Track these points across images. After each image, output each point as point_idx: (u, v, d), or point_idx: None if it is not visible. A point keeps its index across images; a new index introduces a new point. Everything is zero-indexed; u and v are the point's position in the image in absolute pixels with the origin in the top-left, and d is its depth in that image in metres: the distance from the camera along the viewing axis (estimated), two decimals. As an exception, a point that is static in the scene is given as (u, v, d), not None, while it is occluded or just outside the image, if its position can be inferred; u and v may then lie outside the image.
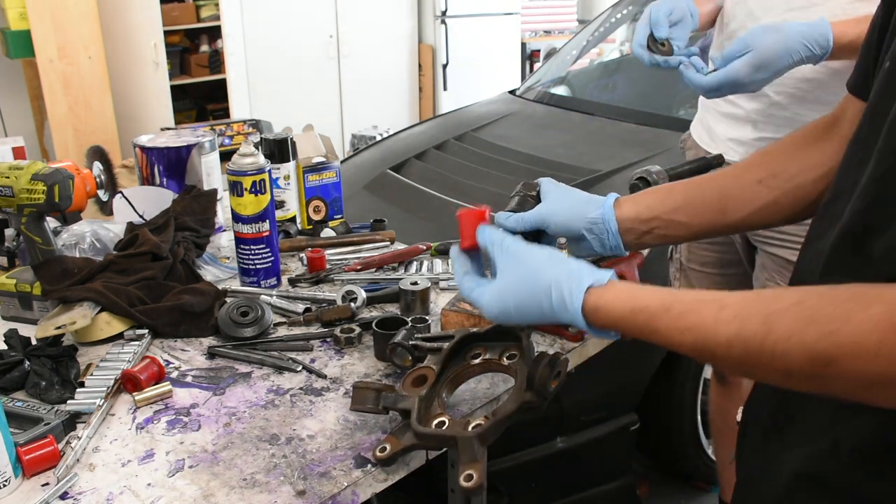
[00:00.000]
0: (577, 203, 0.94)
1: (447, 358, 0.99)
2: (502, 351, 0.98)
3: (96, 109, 4.65)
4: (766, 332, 0.61)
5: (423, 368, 0.99)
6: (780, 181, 0.90)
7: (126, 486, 0.88)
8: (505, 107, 3.19)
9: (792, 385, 0.64)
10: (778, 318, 0.60)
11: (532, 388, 0.87)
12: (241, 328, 1.22)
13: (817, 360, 0.58)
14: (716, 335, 0.64)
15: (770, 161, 0.92)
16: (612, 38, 3.66)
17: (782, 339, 0.60)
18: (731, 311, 0.64)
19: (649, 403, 2.07)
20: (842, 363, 0.56)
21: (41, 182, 1.29)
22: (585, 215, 0.93)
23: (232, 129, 4.66)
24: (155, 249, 1.35)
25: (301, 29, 5.27)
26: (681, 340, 0.68)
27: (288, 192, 1.68)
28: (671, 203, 0.93)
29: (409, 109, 6.06)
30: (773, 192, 0.90)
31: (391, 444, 0.90)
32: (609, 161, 2.41)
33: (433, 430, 0.89)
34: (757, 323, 0.62)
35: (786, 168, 0.89)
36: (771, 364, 0.61)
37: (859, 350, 0.55)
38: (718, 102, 1.50)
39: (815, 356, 0.58)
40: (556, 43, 6.35)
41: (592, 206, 0.94)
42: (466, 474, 0.82)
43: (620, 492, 2.07)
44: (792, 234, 1.38)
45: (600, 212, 0.92)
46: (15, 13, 4.38)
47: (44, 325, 1.17)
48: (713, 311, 0.65)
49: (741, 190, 0.91)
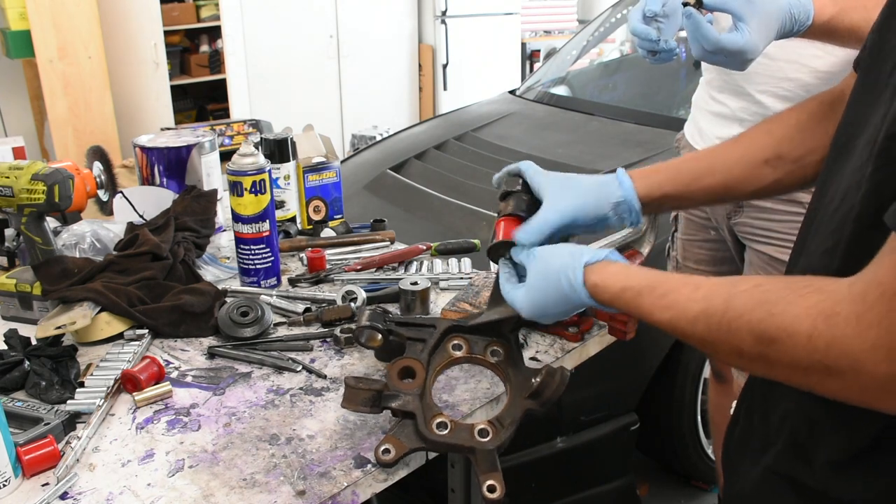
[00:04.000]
0: (590, 193, 0.96)
1: (432, 351, 0.98)
2: (486, 346, 0.98)
3: (96, 109, 4.65)
4: (725, 309, 0.66)
5: (408, 360, 0.97)
6: (786, 163, 0.93)
7: (126, 486, 0.88)
8: (505, 107, 3.19)
9: (744, 365, 0.68)
10: (736, 298, 0.65)
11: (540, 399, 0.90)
12: (241, 328, 1.22)
13: (760, 339, 0.62)
14: (686, 312, 0.70)
15: (776, 142, 0.94)
16: (612, 38, 3.66)
17: (735, 317, 0.64)
18: (702, 292, 0.70)
19: (649, 403, 2.07)
20: (780, 345, 0.60)
21: (41, 182, 1.29)
22: (609, 199, 0.96)
23: (232, 129, 4.66)
24: (155, 249, 1.35)
25: (301, 29, 5.27)
26: (660, 317, 0.74)
27: (288, 192, 1.68)
28: (681, 181, 0.97)
29: (409, 109, 6.06)
30: (777, 173, 0.94)
31: (394, 445, 0.89)
32: (609, 161, 2.41)
33: (446, 437, 0.90)
34: (720, 301, 0.67)
35: (792, 150, 0.93)
36: (727, 340, 0.66)
37: (794, 334, 0.59)
38: (708, 101, 1.51)
39: (759, 335, 0.62)
40: (556, 43, 6.35)
41: (609, 189, 0.96)
42: (489, 485, 0.85)
43: (620, 492, 2.07)
44: (777, 232, 1.38)
45: (621, 193, 0.96)
46: (15, 13, 4.37)
47: (44, 325, 1.17)
48: (689, 290, 0.71)
49: (748, 170, 0.95)
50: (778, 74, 1.32)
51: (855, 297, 0.57)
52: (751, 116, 1.40)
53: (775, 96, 1.35)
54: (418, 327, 1.01)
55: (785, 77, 1.32)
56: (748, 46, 1.09)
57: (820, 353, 0.58)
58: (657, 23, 1.16)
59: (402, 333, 1.01)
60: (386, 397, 0.93)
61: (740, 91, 1.40)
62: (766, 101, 1.37)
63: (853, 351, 0.56)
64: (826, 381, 0.59)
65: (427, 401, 0.94)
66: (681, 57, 2.75)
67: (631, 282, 0.78)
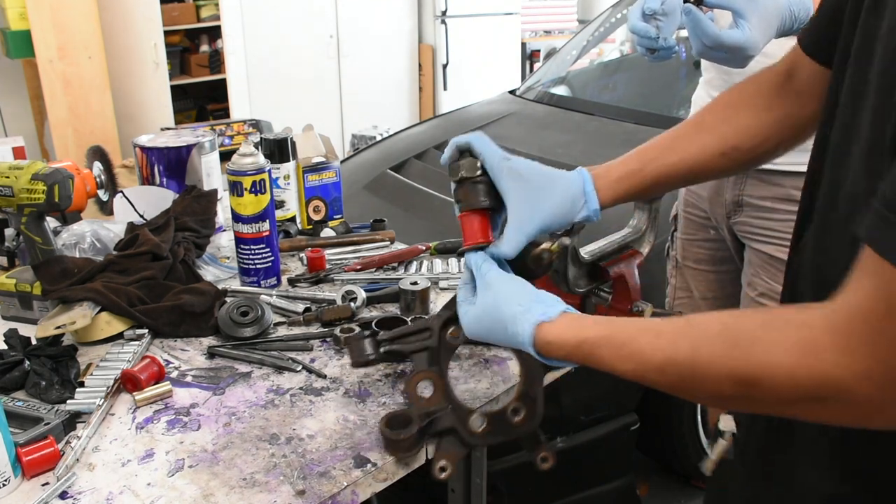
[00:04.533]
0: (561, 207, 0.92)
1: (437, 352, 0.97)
2: None
3: (96, 109, 4.65)
4: (694, 356, 0.64)
5: (421, 374, 0.96)
6: (742, 153, 0.94)
7: (126, 485, 0.88)
8: (505, 107, 3.19)
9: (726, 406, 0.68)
10: (703, 343, 0.64)
11: None
12: (241, 328, 1.22)
13: (741, 383, 0.61)
14: (651, 361, 0.67)
15: (730, 132, 0.94)
16: (612, 38, 3.66)
17: (706, 364, 0.63)
18: (665, 339, 0.67)
19: (649, 403, 2.07)
20: (763, 385, 0.59)
21: (41, 182, 1.29)
22: (573, 218, 0.93)
23: (232, 129, 4.66)
24: (155, 249, 1.35)
25: (301, 29, 5.27)
26: (623, 368, 0.71)
27: (288, 192, 1.68)
28: (645, 185, 0.97)
29: (409, 109, 6.06)
30: (734, 163, 0.96)
31: (448, 460, 0.91)
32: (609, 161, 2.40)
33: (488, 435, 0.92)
34: (686, 349, 0.65)
35: (747, 139, 0.93)
36: (702, 387, 0.64)
37: (777, 372, 0.58)
38: (707, 101, 1.50)
39: (739, 379, 0.61)
40: (556, 43, 6.35)
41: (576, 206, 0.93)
42: (542, 457, 0.92)
43: (620, 492, 2.07)
44: (777, 231, 1.38)
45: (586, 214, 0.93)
46: (15, 13, 4.37)
47: (44, 325, 1.17)
48: (650, 338, 0.68)
49: (706, 163, 0.96)
50: None
51: (834, 326, 0.56)
52: None
53: None
54: (415, 335, 1.00)
55: None
56: (748, 43, 1.09)
57: (804, 387, 0.57)
58: (656, 21, 1.16)
59: (401, 350, 1.00)
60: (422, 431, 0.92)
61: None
62: None
63: (838, 379, 0.55)
64: (813, 409, 0.59)
65: (456, 404, 0.94)
66: (681, 56, 2.75)
67: (586, 333, 0.74)
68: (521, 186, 0.90)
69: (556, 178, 0.93)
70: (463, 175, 0.91)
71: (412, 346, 0.99)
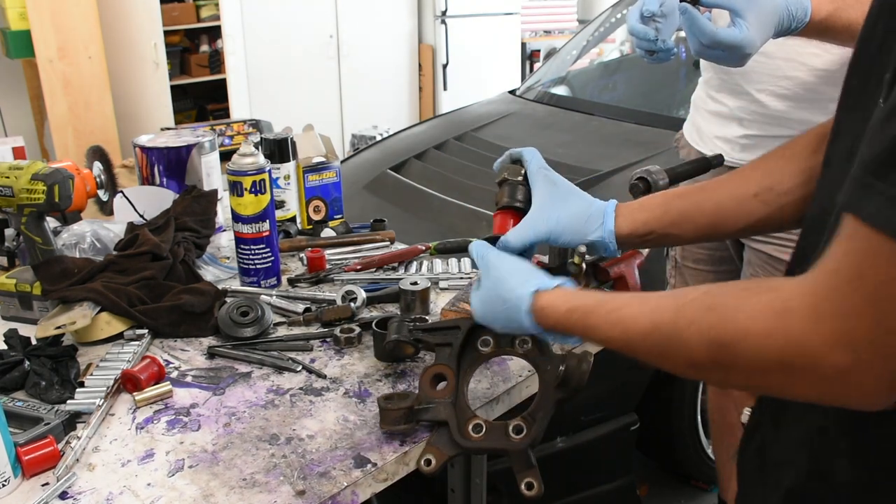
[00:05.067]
0: (576, 220, 0.95)
1: (460, 353, 0.98)
2: (513, 337, 0.98)
3: (96, 109, 4.65)
4: (675, 319, 0.64)
5: (438, 367, 0.98)
6: (776, 195, 0.90)
7: (126, 485, 0.88)
8: (505, 107, 3.19)
9: (700, 375, 0.67)
10: (685, 307, 0.65)
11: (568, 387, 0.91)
12: (241, 328, 1.22)
13: (713, 345, 0.60)
14: (636, 326, 0.69)
15: (766, 174, 0.92)
16: (612, 38, 3.66)
17: (685, 326, 0.63)
18: (650, 305, 0.69)
19: (649, 403, 2.07)
20: (735, 348, 0.59)
21: (41, 182, 1.29)
22: (585, 236, 0.95)
23: (232, 129, 4.66)
24: (155, 249, 1.35)
25: (301, 29, 5.27)
26: (610, 334, 0.73)
27: (288, 192, 1.68)
28: (668, 219, 0.95)
29: (409, 109, 6.06)
30: (767, 207, 0.90)
31: (434, 454, 0.90)
32: (609, 161, 2.41)
33: (479, 441, 0.90)
34: (669, 313, 0.66)
35: (782, 181, 0.90)
36: (679, 352, 0.65)
37: (748, 335, 0.58)
38: (706, 101, 1.51)
39: (711, 340, 0.61)
40: (556, 43, 6.35)
41: (592, 224, 0.95)
42: (527, 482, 0.87)
43: (620, 492, 2.07)
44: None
45: (600, 234, 0.95)
46: (15, 13, 4.37)
47: (44, 325, 1.17)
48: (637, 304, 0.71)
49: (737, 204, 0.92)
50: (776, 73, 1.32)
51: (808, 290, 0.55)
52: (749, 115, 1.40)
53: (774, 95, 1.35)
54: (444, 331, 1.02)
55: (783, 75, 1.32)
56: (746, 41, 1.09)
57: (777, 352, 0.56)
58: (655, 22, 1.16)
59: (429, 340, 1.02)
60: (417, 411, 0.94)
61: (739, 90, 1.40)
62: (765, 99, 1.36)
63: (811, 345, 0.54)
64: (786, 380, 0.58)
65: (461, 404, 0.94)
66: (680, 57, 2.75)
67: (578, 301, 0.78)
68: (549, 192, 0.97)
69: (583, 195, 0.98)
70: (505, 177, 1.02)
71: (437, 339, 1.01)
